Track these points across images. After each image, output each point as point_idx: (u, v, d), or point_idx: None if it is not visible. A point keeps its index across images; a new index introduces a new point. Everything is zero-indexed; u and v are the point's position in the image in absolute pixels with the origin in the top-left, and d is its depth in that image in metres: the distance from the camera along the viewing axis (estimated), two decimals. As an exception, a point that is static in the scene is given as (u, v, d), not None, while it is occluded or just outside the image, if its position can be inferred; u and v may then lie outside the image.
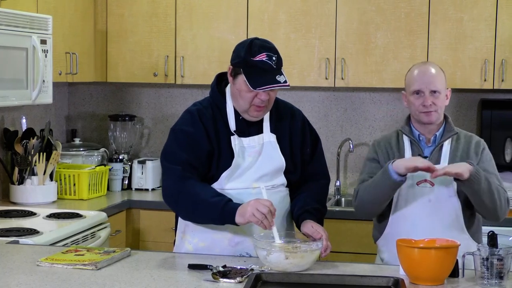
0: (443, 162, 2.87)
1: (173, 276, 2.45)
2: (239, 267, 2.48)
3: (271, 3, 4.36)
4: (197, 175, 2.75)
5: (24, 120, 4.11)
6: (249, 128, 2.83)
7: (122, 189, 4.59)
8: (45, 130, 4.12)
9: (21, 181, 3.97)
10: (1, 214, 3.59)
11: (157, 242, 4.20)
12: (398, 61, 4.22)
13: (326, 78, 4.31)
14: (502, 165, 4.12)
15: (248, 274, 2.38)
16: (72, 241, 3.34)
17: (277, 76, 2.69)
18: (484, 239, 2.44)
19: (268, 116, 2.85)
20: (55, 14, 3.92)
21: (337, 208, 4.32)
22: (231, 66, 2.77)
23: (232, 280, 2.36)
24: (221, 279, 2.37)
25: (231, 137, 2.79)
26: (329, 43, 4.29)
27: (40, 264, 2.53)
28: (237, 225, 2.65)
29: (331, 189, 4.37)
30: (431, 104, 2.86)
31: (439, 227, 2.81)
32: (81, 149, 4.57)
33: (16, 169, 3.98)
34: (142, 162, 4.61)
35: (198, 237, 2.82)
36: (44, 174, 4.00)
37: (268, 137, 2.84)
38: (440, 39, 4.18)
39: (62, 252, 2.69)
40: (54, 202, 4.05)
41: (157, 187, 4.62)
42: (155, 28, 4.52)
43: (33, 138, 4.01)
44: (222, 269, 2.44)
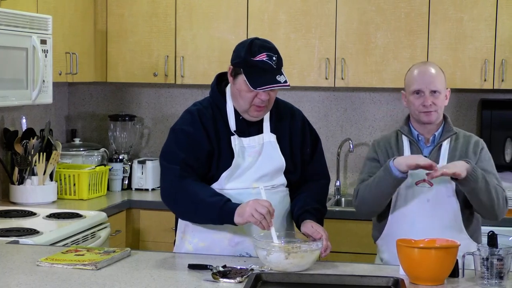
0: (442, 162, 2.87)
1: (173, 276, 2.44)
2: (239, 267, 2.48)
3: (271, 3, 4.35)
4: (196, 175, 2.75)
5: (24, 120, 4.11)
6: (249, 128, 2.82)
7: (122, 189, 4.59)
8: (45, 130, 4.12)
9: (21, 181, 3.97)
10: (1, 214, 3.58)
11: (157, 242, 4.20)
12: (398, 61, 4.22)
13: (326, 78, 4.30)
14: (502, 165, 4.12)
15: (248, 274, 2.38)
16: (72, 241, 3.34)
17: (277, 76, 2.69)
18: (484, 239, 2.44)
19: (268, 116, 2.85)
20: (55, 14, 3.91)
21: (337, 208, 4.31)
22: (231, 66, 2.76)
23: (232, 280, 2.36)
24: (221, 279, 2.36)
25: (231, 137, 2.79)
26: (329, 43, 4.29)
27: (40, 264, 2.53)
28: (236, 225, 2.65)
29: (331, 189, 4.36)
30: (431, 104, 2.87)
31: (438, 227, 2.81)
32: (81, 149, 4.57)
33: (16, 169, 3.98)
34: (142, 162, 4.61)
35: (198, 237, 2.82)
36: (44, 174, 4.00)
37: (268, 137, 2.83)
38: (440, 39, 4.17)
39: (62, 252, 2.68)
40: (54, 202, 4.05)
41: (157, 187, 4.60)
42: (155, 28, 4.51)
43: (33, 138, 4.00)
44: (222, 269, 2.44)
